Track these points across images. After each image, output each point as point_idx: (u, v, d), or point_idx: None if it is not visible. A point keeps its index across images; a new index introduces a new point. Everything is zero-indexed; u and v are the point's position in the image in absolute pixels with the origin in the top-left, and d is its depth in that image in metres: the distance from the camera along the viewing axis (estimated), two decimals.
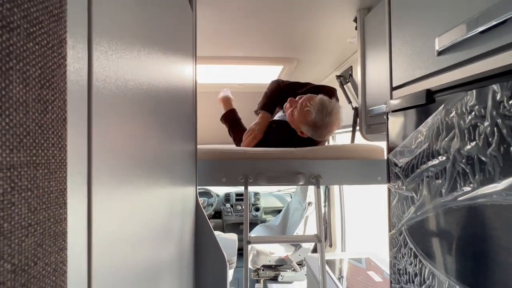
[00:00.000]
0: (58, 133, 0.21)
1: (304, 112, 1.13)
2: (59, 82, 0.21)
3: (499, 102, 0.37)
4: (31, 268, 0.18)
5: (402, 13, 0.62)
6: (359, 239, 2.29)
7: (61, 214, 0.21)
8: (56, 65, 0.21)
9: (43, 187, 0.20)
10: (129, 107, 0.37)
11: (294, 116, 1.18)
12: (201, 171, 0.99)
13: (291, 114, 1.19)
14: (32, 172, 0.19)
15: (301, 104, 1.15)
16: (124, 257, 0.35)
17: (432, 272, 0.50)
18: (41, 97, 0.19)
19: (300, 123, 1.16)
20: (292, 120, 1.19)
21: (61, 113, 0.22)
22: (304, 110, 1.13)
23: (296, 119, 1.17)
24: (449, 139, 0.46)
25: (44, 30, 0.20)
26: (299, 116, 1.15)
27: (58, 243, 0.21)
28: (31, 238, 0.18)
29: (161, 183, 0.54)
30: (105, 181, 0.30)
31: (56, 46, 0.21)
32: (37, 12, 0.19)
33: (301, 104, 1.15)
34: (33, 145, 0.19)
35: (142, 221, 0.43)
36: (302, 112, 1.13)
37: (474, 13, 0.42)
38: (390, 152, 0.64)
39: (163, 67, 0.56)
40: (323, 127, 1.13)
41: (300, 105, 1.15)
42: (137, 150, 0.40)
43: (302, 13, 1.07)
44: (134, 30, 0.40)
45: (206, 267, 0.95)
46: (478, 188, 0.40)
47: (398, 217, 0.61)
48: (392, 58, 0.66)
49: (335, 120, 1.14)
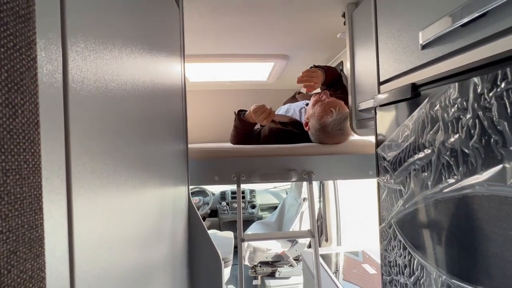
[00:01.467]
0: (30, 138, 0.21)
1: (326, 110, 1.10)
2: (29, 85, 0.21)
3: (480, 95, 0.37)
4: (4, 276, 0.18)
5: (388, 8, 0.62)
6: (355, 233, 2.31)
7: (36, 220, 0.21)
8: (25, 67, 0.20)
9: (14, 194, 0.19)
10: (111, 108, 0.36)
11: (315, 107, 1.15)
12: (193, 170, 0.98)
13: (314, 103, 1.16)
14: (1, 178, 0.18)
15: (329, 103, 1.12)
16: (111, 260, 0.35)
17: (420, 264, 0.51)
18: (9, 101, 0.19)
19: (314, 116, 1.13)
20: (312, 110, 1.16)
21: (32, 116, 0.21)
22: (328, 109, 1.09)
23: (316, 111, 1.14)
24: (434, 132, 0.46)
25: (10, 31, 0.19)
26: (320, 111, 1.12)
27: (34, 249, 0.21)
28: (3, 245, 0.18)
29: (150, 184, 0.53)
30: (86, 184, 0.29)
31: (24, 48, 0.20)
32: (2, 13, 0.18)
33: (329, 103, 1.12)
34: (2, 151, 0.18)
35: (129, 223, 0.42)
36: (325, 109, 1.10)
37: (456, 5, 0.42)
38: (379, 146, 0.64)
39: (148, 66, 0.55)
40: (329, 135, 1.10)
41: (327, 103, 1.12)
42: (122, 151, 0.40)
43: (291, 9, 1.07)
44: (114, 28, 0.39)
45: (201, 266, 0.96)
46: (462, 180, 0.41)
47: (387, 210, 0.62)
48: (378, 53, 0.66)
49: (341, 138, 1.11)
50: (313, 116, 1.13)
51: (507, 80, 0.34)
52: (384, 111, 0.63)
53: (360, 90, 1.01)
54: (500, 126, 0.34)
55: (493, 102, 0.35)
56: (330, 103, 1.12)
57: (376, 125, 0.66)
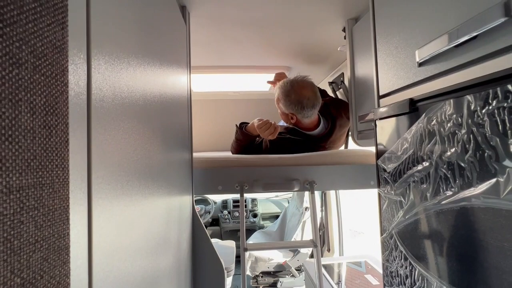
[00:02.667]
0: (61, 155, 0.23)
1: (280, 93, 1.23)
2: (62, 108, 0.23)
3: (473, 111, 0.39)
4: (38, 281, 0.20)
5: (386, 26, 0.65)
6: (357, 243, 2.30)
7: (64, 229, 0.23)
8: (59, 92, 0.23)
9: (48, 206, 0.21)
10: (125, 121, 0.39)
11: (281, 109, 1.28)
12: (197, 179, 1.00)
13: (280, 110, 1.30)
14: (38, 192, 0.20)
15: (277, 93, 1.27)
16: (123, 268, 0.36)
17: (421, 274, 0.52)
18: (46, 123, 0.21)
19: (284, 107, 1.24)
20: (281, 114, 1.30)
21: (63, 136, 0.23)
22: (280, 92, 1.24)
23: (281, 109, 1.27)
24: (431, 145, 0.48)
25: (48, 62, 0.22)
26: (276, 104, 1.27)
27: (62, 257, 0.23)
28: (38, 253, 0.20)
29: (158, 193, 0.55)
30: (104, 195, 0.31)
31: (59, 75, 0.23)
32: (43, 47, 0.21)
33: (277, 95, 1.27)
34: (39, 168, 0.20)
35: (140, 232, 0.44)
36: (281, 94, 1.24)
37: (449, 27, 0.45)
38: (379, 158, 0.66)
39: (158, 79, 0.58)
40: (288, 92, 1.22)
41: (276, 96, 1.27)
42: (134, 162, 0.42)
43: (293, 23, 1.11)
44: (131, 47, 0.42)
45: (204, 275, 0.96)
46: (458, 192, 0.42)
47: (388, 221, 0.63)
48: (378, 68, 0.69)
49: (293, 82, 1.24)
50: (283, 106, 1.25)
51: (498, 99, 0.36)
52: (383, 124, 0.66)
53: (361, 101, 1.03)
54: (493, 141, 0.36)
55: (485, 119, 0.37)
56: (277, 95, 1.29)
57: (376, 137, 0.68)
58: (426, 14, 0.51)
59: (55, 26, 0.22)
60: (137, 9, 0.45)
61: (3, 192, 0.17)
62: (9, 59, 0.18)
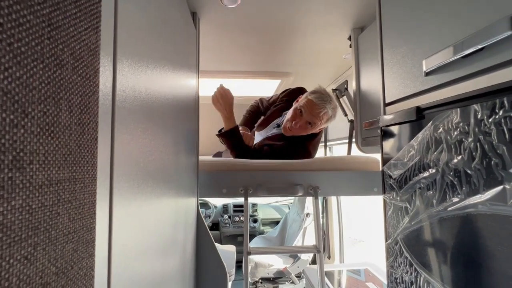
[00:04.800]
0: (91, 152, 0.24)
1: (321, 116, 1.20)
2: (93, 106, 0.25)
3: (480, 120, 0.41)
4: (69, 271, 0.21)
5: (393, 36, 0.67)
6: (357, 251, 2.28)
7: (91, 223, 0.24)
8: (92, 92, 0.24)
9: (79, 200, 0.22)
10: (143, 122, 0.40)
11: (311, 127, 1.23)
12: (202, 182, 1.01)
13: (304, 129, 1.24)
14: (72, 186, 0.21)
15: (311, 115, 1.20)
16: (136, 266, 0.37)
17: (427, 280, 0.53)
18: (80, 120, 0.22)
19: (322, 126, 1.25)
20: (308, 131, 1.25)
21: (93, 133, 0.25)
22: (321, 115, 1.19)
23: (315, 127, 1.24)
24: (438, 153, 0.49)
25: (84, 63, 0.23)
26: (319, 123, 1.22)
27: (89, 249, 0.24)
28: (70, 244, 0.21)
29: (168, 195, 0.56)
30: (123, 192, 0.32)
31: (92, 76, 0.24)
32: (80, 49, 0.22)
33: (311, 116, 1.21)
34: (74, 163, 0.22)
35: (151, 231, 0.45)
36: (319, 117, 1.20)
37: (457, 39, 0.46)
38: (385, 165, 0.67)
39: (171, 82, 0.59)
40: (336, 108, 1.24)
41: (311, 117, 1.21)
42: (150, 162, 0.43)
43: (299, 31, 1.13)
44: (148, 51, 0.43)
45: (207, 277, 0.96)
46: (465, 199, 0.43)
47: (393, 227, 0.64)
48: (384, 77, 0.70)
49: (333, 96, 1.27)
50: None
51: (504, 108, 0.37)
52: (389, 131, 0.67)
53: (365, 109, 1.05)
54: (500, 150, 0.37)
55: (492, 127, 0.39)
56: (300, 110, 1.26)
57: (382, 144, 0.69)
58: (433, 25, 0.53)
59: (91, 30, 0.24)
60: (154, 15, 0.47)
61: (45, 184, 0.18)
62: (53, 61, 0.19)
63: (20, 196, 0.16)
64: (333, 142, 1.97)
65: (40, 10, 0.18)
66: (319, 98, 1.18)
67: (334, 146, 2.17)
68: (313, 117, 1.19)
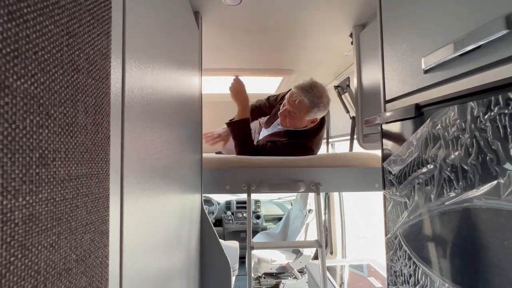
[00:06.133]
0: (105, 150, 0.26)
1: (297, 105, 1.20)
2: (106, 107, 0.26)
3: (476, 117, 0.42)
4: (87, 259, 0.23)
5: (393, 34, 0.68)
6: (359, 247, 2.30)
7: (105, 216, 0.26)
8: (104, 94, 0.26)
9: (95, 194, 0.24)
10: (150, 121, 0.42)
11: (294, 118, 1.25)
12: (205, 179, 1.03)
13: (290, 119, 1.26)
14: (88, 181, 0.23)
15: (289, 104, 1.23)
16: (145, 261, 0.39)
17: (424, 273, 0.54)
18: (95, 121, 0.24)
19: (304, 116, 1.24)
20: (294, 122, 1.27)
21: (106, 132, 0.26)
22: (296, 103, 1.19)
23: (297, 117, 1.24)
24: (436, 149, 0.50)
25: (98, 67, 0.25)
26: (298, 111, 1.22)
27: (103, 240, 0.25)
28: (88, 234, 0.23)
29: (174, 191, 0.58)
30: (131, 187, 0.34)
31: (104, 78, 0.26)
32: (94, 54, 0.24)
33: (289, 105, 1.23)
34: (90, 160, 0.23)
35: (157, 226, 0.47)
36: (295, 106, 1.20)
37: (456, 37, 0.47)
38: (385, 161, 0.68)
39: (175, 82, 0.61)
40: (321, 98, 1.21)
41: (289, 106, 1.23)
42: (156, 160, 0.45)
43: (301, 29, 1.14)
44: (154, 53, 0.45)
45: (211, 272, 0.98)
46: (461, 194, 0.45)
47: (393, 222, 0.65)
48: (384, 74, 0.71)
49: (321, 87, 1.24)
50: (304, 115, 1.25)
51: (499, 105, 0.38)
52: (389, 128, 0.68)
53: (367, 105, 1.05)
54: (494, 146, 0.39)
55: (488, 124, 0.40)
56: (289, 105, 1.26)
57: (382, 140, 0.70)
58: (432, 23, 0.54)
59: (103, 36, 0.25)
60: (159, 17, 0.48)
61: (66, 179, 0.20)
62: (71, 66, 0.21)
63: (46, 189, 0.18)
64: (335, 138, 1.98)
65: (60, 20, 0.19)
66: (298, 87, 1.21)
67: (336, 143, 2.18)
68: (290, 105, 1.22)
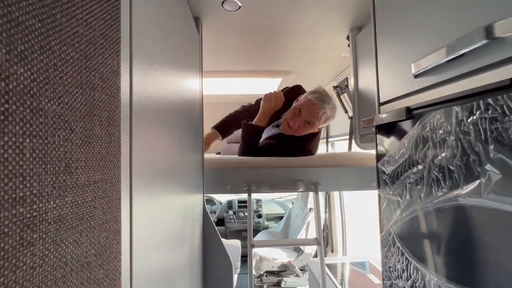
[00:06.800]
0: (116, 157, 0.29)
1: (320, 116, 1.21)
2: (117, 119, 0.29)
3: (460, 121, 0.44)
4: (104, 254, 0.26)
5: (386, 39, 0.70)
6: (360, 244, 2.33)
7: (118, 216, 0.29)
8: (115, 107, 0.29)
9: (109, 196, 0.27)
10: (154, 126, 0.45)
11: (309, 126, 1.25)
12: (207, 179, 1.06)
13: (303, 129, 1.26)
14: (104, 185, 0.26)
15: (310, 114, 1.23)
16: (151, 259, 0.42)
17: (416, 267, 0.57)
18: (109, 131, 0.27)
19: (321, 125, 1.27)
20: (307, 130, 1.27)
21: (117, 141, 0.29)
22: (319, 115, 1.21)
23: (313, 127, 1.27)
24: (425, 150, 0.53)
25: (110, 84, 0.28)
26: (318, 122, 1.24)
27: (117, 237, 0.29)
28: (104, 233, 0.26)
29: (177, 191, 0.61)
30: (140, 189, 0.37)
31: (115, 93, 0.29)
32: (107, 72, 0.27)
33: (309, 115, 1.23)
34: (105, 167, 0.26)
35: (162, 226, 0.50)
36: (318, 117, 1.22)
37: (442, 44, 0.50)
38: (379, 161, 0.71)
39: (177, 86, 0.64)
40: (336, 108, 1.26)
41: (309, 116, 1.23)
42: (160, 162, 0.48)
43: (299, 32, 1.16)
44: (158, 61, 0.48)
45: (214, 270, 1.02)
46: (448, 193, 0.47)
47: (387, 220, 0.68)
48: (378, 77, 0.74)
49: (333, 96, 1.28)
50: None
51: (480, 110, 0.41)
52: (383, 129, 0.71)
53: (363, 106, 1.08)
54: (476, 148, 0.41)
55: (470, 127, 0.42)
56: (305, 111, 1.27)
57: (377, 141, 0.73)
58: (422, 30, 0.56)
59: (113, 54, 0.28)
60: (162, 28, 0.51)
61: (86, 184, 0.23)
62: (89, 85, 0.24)
63: (71, 194, 0.21)
64: (335, 138, 2.00)
65: (79, 46, 0.22)
66: (318, 98, 1.21)
67: (336, 143, 2.20)
68: (311, 117, 1.22)
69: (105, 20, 0.26)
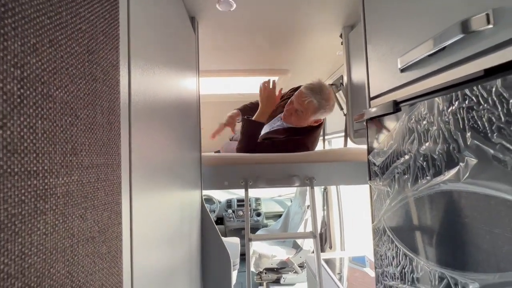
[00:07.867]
0: (117, 144, 0.31)
1: (306, 105, 1.24)
2: (116, 109, 0.32)
3: (441, 111, 0.47)
4: (106, 231, 0.28)
5: (375, 36, 0.73)
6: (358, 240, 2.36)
7: (118, 199, 0.31)
8: (115, 98, 0.31)
9: (110, 180, 0.30)
10: (152, 122, 0.47)
11: (300, 116, 1.30)
12: (205, 176, 1.08)
13: (295, 117, 1.31)
14: (105, 169, 0.29)
15: (298, 103, 1.28)
16: (151, 255, 0.45)
17: (405, 254, 0.60)
18: (109, 120, 0.30)
19: (310, 116, 1.29)
20: (299, 120, 1.32)
21: (118, 130, 0.32)
22: (305, 104, 1.24)
23: (303, 116, 1.29)
24: (411, 141, 0.56)
25: (110, 76, 0.30)
26: (305, 111, 1.27)
27: (118, 218, 0.31)
28: (106, 212, 0.28)
29: (175, 188, 0.63)
30: (139, 184, 0.40)
31: (115, 85, 0.31)
32: (107, 66, 0.29)
33: (298, 104, 1.28)
34: (106, 152, 0.29)
35: (160, 222, 0.52)
36: (304, 106, 1.25)
37: (425, 39, 0.52)
38: (370, 154, 0.73)
39: (174, 85, 0.66)
40: (329, 101, 1.27)
41: (298, 105, 1.28)
42: (159, 158, 0.50)
43: (294, 30, 1.19)
44: (155, 59, 0.50)
45: (212, 266, 1.04)
46: (431, 180, 0.50)
47: (378, 210, 0.70)
48: (369, 73, 0.76)
49: (329, 90, 1.30)
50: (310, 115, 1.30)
51: (458, 100, 0.43)
52: (373, 123, 0.73)
53: (356, 103, 1.11)
54: (456, 136, 0.44)
55: (450, 117, 0.45)
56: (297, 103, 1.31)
57: (368, 134, 0.76)
58: (407, 26, 0.59)
59: (113, 50, 0.31)
60: (159, 27, 0.54)
61: (90, 166, 0.25)
62: (91, 77, 0.26)
63: (76, 173, 0.23)
64: (331, 135, 2.03)
65: (83, 41, 0.25)
66: (308, 88, 1.25)
67: (333, 140, 2.23)
68: (299, 105, 1.27)
69: (105, 18, 0.28)
